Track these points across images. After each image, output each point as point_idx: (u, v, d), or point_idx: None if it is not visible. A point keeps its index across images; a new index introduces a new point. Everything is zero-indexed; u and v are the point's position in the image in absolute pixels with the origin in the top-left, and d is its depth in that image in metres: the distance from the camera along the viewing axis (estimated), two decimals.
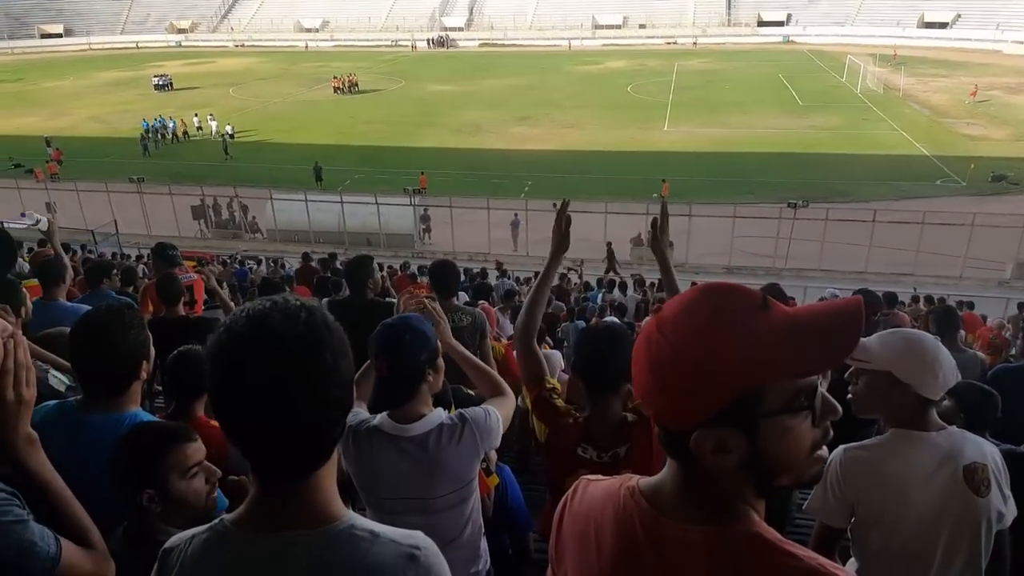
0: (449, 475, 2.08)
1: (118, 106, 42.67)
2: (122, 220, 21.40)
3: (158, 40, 74.56)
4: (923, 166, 27.82)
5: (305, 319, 1.02)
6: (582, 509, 1.17)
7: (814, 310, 1.00)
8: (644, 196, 23.32)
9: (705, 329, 0.95)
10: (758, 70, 49.89)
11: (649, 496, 1.05)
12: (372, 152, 31.85)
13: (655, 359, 0.99)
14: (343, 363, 1.04)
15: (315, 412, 1.01)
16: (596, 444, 2.09)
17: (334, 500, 1.10)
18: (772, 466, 0.96)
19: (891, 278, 17.56)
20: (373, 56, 63.93)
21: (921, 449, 1.92)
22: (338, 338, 1.04)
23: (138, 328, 2.05)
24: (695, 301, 0.99)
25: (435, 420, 2.08)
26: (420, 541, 1.10)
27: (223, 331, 1.02)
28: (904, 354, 1.94)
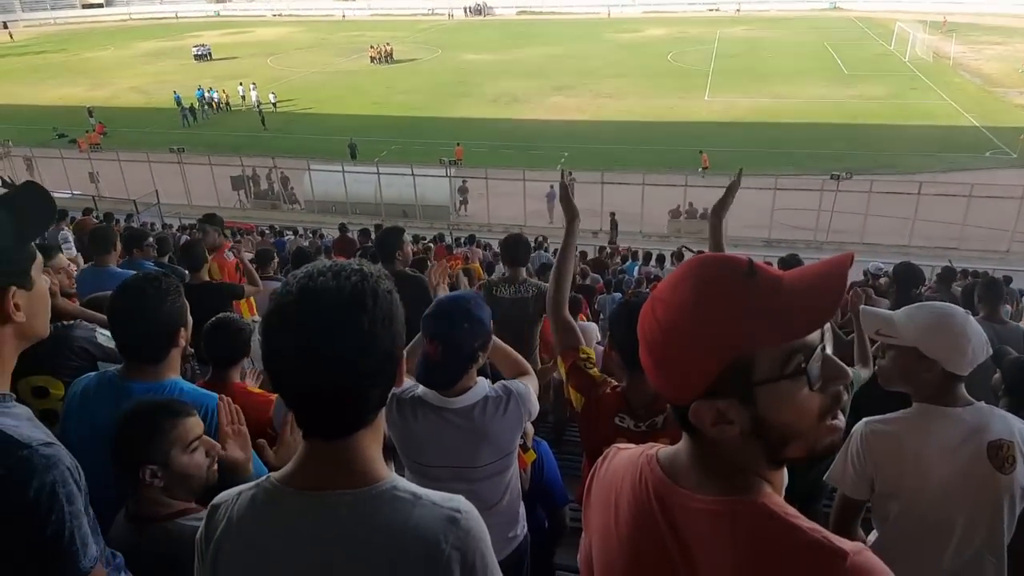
0: (493, 445, 2.11)
1: (158, 76, 43.24)
2: (163, 190, 21.84)
3: (197, 10, 75.16)
4: (972, 137, 26.81)
5: (354, 283, 1.02)
6: (607, 477, 1.19)
7: (802, 271, 0.97)
8: (683, 168, 22.94)
9: (689, 302, 0.95)
10: (803, 38, 48.33)
11: (665, 465, 1.06)
12: (408, 122, 31.82)
13: (649, 337, 1.00)
14: (383, 332, 1.03)
15: (344, 374, 1.01)
16: (633, 414, 2.10)
17: (377, 463, 1.11)
18: (778, 434, 0.94)
19: (936, 252, 17.08)
20: (409, 25, 63.54)
21: (945, 425, 1.89)
22: (384, 308, 1.04)
23: (175, 295, 2.05)
24: (680, 276, 0.99)
25: (480, 392, 2.10)
26: (461, 504, 1.12)
27: (282, 285, 1.06)
28: (931, 330, 1.90)
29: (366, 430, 1.09)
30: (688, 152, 24.95)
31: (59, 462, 1.21)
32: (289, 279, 1.05)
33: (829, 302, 0.92)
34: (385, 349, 1.04)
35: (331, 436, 1.07)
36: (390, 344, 1.05)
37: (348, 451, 1.08)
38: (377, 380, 1.05)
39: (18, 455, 1.17)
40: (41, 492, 1.17)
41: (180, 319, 2.07)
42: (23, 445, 1.18)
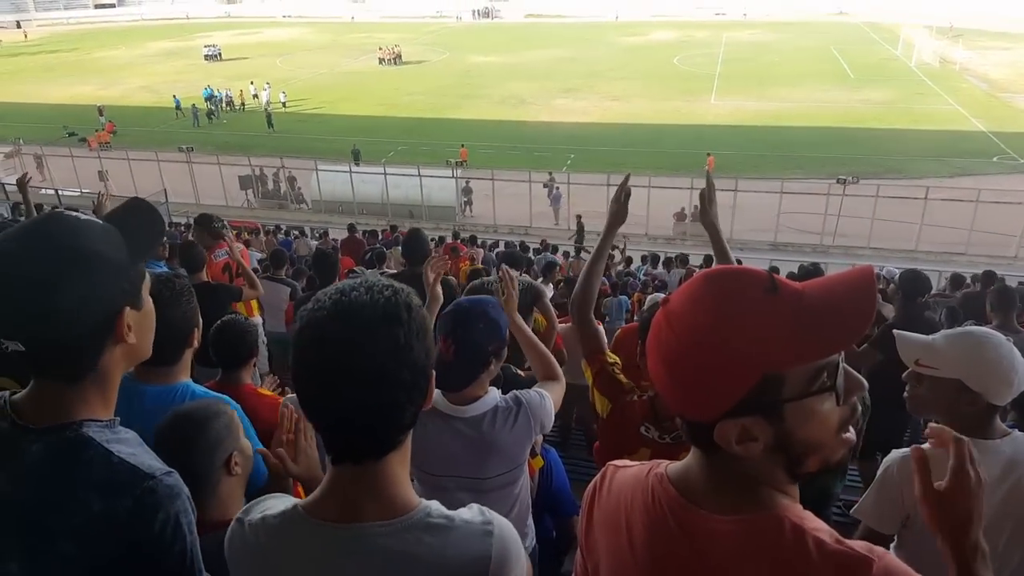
0: (502, 457, 2.06)
1: (168, 76, 43.45)
2: (171, 189, 21.93)
3: (208, 11, 75.49)
4: (979, 142, 26.73)
5: (388, 297, 1.02)
6: (611, 498, 1.15)
7: (824, 287, 0.96)
8: (689, 170, 22.93)
9: (713, 320, 0.92)
10: (809, 42, 48.22)
11: (678, 484, 1.03)
12: (416, 124, 31.89)
13: (666, 354, 0.97)
14: (418, 346, 1.02)
15: (381, 389, 0.99)
16: (660, 424, 2.05)
17: (406, 488, 1.09)
18: (801, 449, 0.94)
19: (943, 257, 17.02)
20: (418, 27, 63.63)
21: (983, 459, 1.76)
22: (418, 322, 1.03)
23: (188, 297, 2.06)
24: (699, 291, 0.96)
25: (490, 402, 2.06)
26: (488, 515, 1.11)
27: (311, 302, 1.05)
28: (976, 361, 1.79)
29: (396, 452, 1.07)
30: (694, 155, 24.92)
31: (181, 491, 1.21)
32: (320, 295, 1.04)
33: (862, 321, 0.92)
34: (420, 363, 1.03)
35: (361, 459, 1.04)
36: (424, 358, 1.04)
37: (378, 476, 1.05)
38: (413, 396, 1.04)
39: (144, 486, 1.15)
40: (167, 523, 1.17)
41: (194, 320, 2.09)
42: (148, 475, 1.17)
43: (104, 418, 1.23)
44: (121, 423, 1.87)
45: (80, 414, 1.18)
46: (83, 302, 1.13)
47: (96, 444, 1.16)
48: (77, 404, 1.19)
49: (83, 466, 1.15)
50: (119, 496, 1.14)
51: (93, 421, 1.19)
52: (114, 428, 1.24)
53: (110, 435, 1.21)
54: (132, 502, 1.14)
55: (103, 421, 1.22)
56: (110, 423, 1.23)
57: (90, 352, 1.18)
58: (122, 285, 1.20)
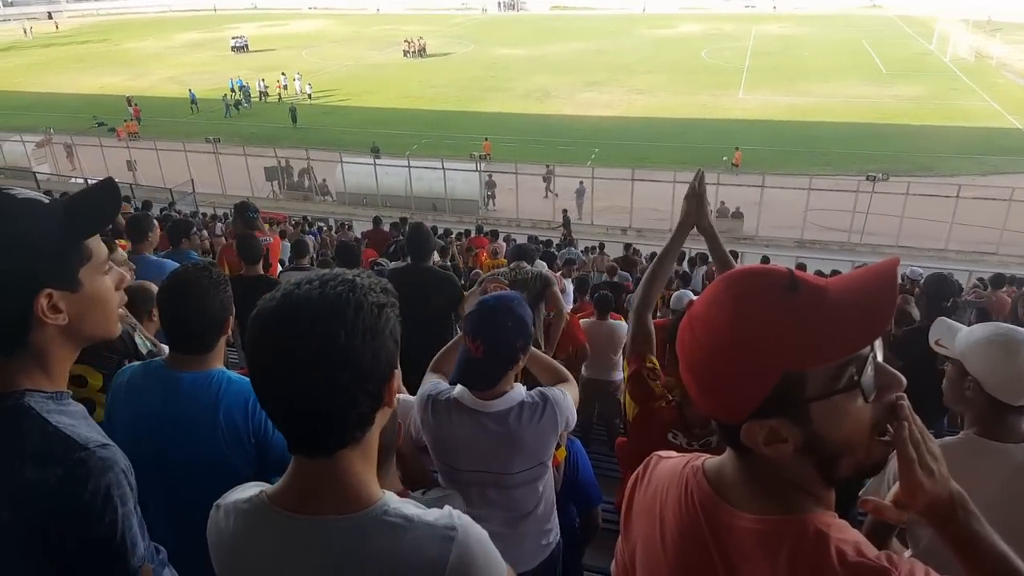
0: (527, 452, 2.07)
1: (196, 67, 44.03)
2: (198, 180, 22.24)
3: (235, 2, 76.24)
4: (1015, 140, 26.11)
5: (339, 293, 0.99)
6: (650, 487, 1.16)
7: (846, 280, 0.94)
8: (716, 166, 22.75)
9: (730, 321, 0.91)
10: (840, 35, 47.43)
11: (712, 479, 1.03)
12: (440, 116, 31.96)
13: (690, 359, 0.97)
14: (364, 348, 0.98)
15: (316, 389, 0.97)
16: (688, 431, 2.05)
17: (367, 485, 1.07)
18: (832, 451, 0.91)
19: (972, 257, 16.69)
20: (443, 19, 63.74)
21: (991, 460, 1.74)
22: (366, 322, 0.99)
23: (224, 285, 2.07)
24: (717, 293, 0.96)
25: (516, 397, 2.06)
26: (455, 520, 1.07)
27: (269, 294, 1.03)
28: (978, 345, 1.76)
29: (351, 450, 1.04)
30: (721, 150, 24.67)
31: (115, 464, 1.22)
32: (274, 292, 1.03)
33: (882, 316, 0.90)
34: (363, 365, 0.99)
35: (312, 454, 1.03)
36: (370, 360, 0.99)
37: (334, 471, 1.04)
38: (356, 398, 1.00)
39: (75, 456, 1.17)
40: (96, 494, 1.18)
41: (229, 308, 2.09)
42: (80, 446, 1.18)
43: (49, 390, 1.23)
44: (159, 409, 1.91)
45: (22, 384, 1.20)
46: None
47: (34, 414, 1.18)
48: (19, 375, 1.20)
49: (19, 435, 1.17)
50: (50, 465, 1.15)
51: (37, 392, 1.21)
52: (60, 400, 1.25)
53: (52, 406, 1.22)
54: (63, 471, 1.15)
55: (47, 392, 1.22)
56: (56, 395, 1.24)
57: (13, 329, 1.18)
58: (41, 266, 1.17)
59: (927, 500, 0.98)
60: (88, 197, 1.27)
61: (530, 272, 4.29)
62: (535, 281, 4.27)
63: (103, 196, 1.29)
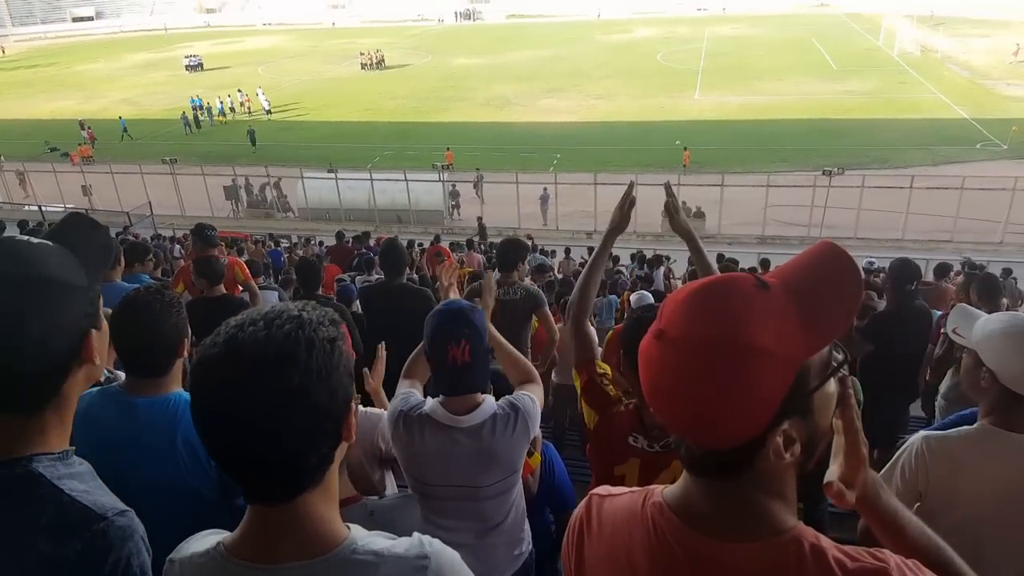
0: (500, 464, 2.05)
1: (149, 88, 43.25)
2: (156, 201, 21.78)
3: (187, 21, 75.15)
4: (962, 130, 26.95)
5: (287, 334, 0.92)
6: (604, 535, 1.06)
7: (801, 271, 0.93)
8: (675, 167, 23.03)
9: (729, 326, 0.85)
10: (790, 35, 48.54)
11: (680, 512, 0.95)
12: (400, 128, 31.85)
13: (678, 386, 0.87)
14: (319, 388, 0.93)
15: (272, 437, 0.91)
16: (648, 434, 2.02)
17: (331, 524, 1.02)
18: (818, 442, 0.91)
19: (929, 245, 17.13)
20: (399, 31, 63.62)
21: (1004, 451, 1.75)
22: (320, 360, 0.93)
23: (178, 307, 2.06)
24: (699, 304, 0.89)
25: (488, 410, 2.04)
26: (426, 548, 1.04)
27: (210, 337, 0.97)
28: (993, 336, 1.75)
29: (312, 492, 0.98)
30: (680, 151, 25.02)
31: (134, 532, 1.17)
32: (221, 328, 0.96)
33: (858, 287, 0.91)
34: (320, 405, 0.93)
35: (271, 501, 0.98)
36: (327, 399, 0.94)
37: (295, 517, 0.98)
38: (314, 440, 0.95)
39: (95, 528, 1.11)
40: (116, 567, 1.13)
41: (184, 330, 2.07)
42: (99, 516, 1.12)
43: (57, 449, 1.19)
44: (117, 434, 1.85)
45: (32, 447, 1.15)
46: (51, 330, 1.11)
47: (46, 482, 1.12)
48: (32, 436, 1.15)
49: (31, 506, 1.11)
50: (69, 539, 1.10)
51: (45, 455, 1.15)
52: (67, 460, 1.20)
53: (62, 470, 1.17)
54: (82, 545, 1.11)
55: (55, 454, 1.17)
56: (63, 455, 1.20)
57: (56, 379, 1.16)
58: (85, 308, 1.18)
59: (864, 475, 0.99)
60: (85, 235, 1.26)
61: (523, 290, 4.30)
62: (526, 300, 4.28)
63: (98, 234, 1.29)
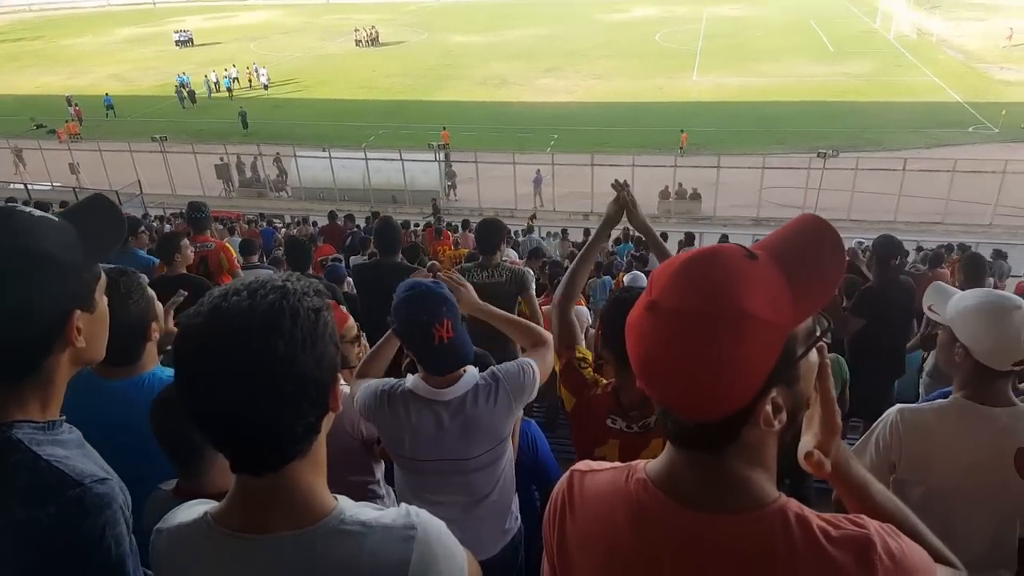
0: (485, 434, 2.06)
1: (139, 63, 42.66)
2: (146, 180, 21.57)
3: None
4: (956, 113, 26.99)
5: (270, 303, 0.93)
6: (587, 513, 1.05)
7: (784, 241, 0.93)
8: (672, 148, 22.96)
9: (724, 294, 0.84)
10: (789, 16, 48.20)
11: (665, 488, 0.94)
12: (396, 106, 31.60)
13: (672, 356, 0.86)
14: (304, 357, 0.93)
15: (259, 405, 0.91)
16: (625, 415, 2.04)
17: (319, 495, 1.02)
18: (801, 411, 0.92)
19: (920, 227, 17.22)
20: (395, 7, 62.84)
21: (976, 424, 1.80)
22: (305, 329, 0.93)
23: (138, 294, 2.02)
24: (691, 273, 0.88)
25: (470, 381, 2.05)
26: (413, 518, 1.04)
27: (195, 306, 0.97)
28: (966, 311, 1.80)
29: (300, 461, 0.98)
30: (677, 132, 24.94)
31: (112, 501, 1.15)
32: (204, 299, 0.96)
33: (841, 259, 0.93)
34: (306, 374, 0.93)
35: (258, 471, 0.97)
36: (313, 367, 0.94)
37: (282, 486, 0.98)
38: (301, 409, 0.95)
39: (70, 493, 1.10)
40: (90, 535, 1.12)
41: (148, 315, 2.03)
42: (75, 482, 1.11)
43: (40, 419, 1.17)
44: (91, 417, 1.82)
45: (12, 415, 1.14)
46: (31, 304, 1.10)
47: (23, 447, 1.11)
48: (10, 405, 1.15)
49: (6, 469, 1.10)
50: (42, 503, 1.09)
51: (27, 422, 1.14)
52: (53, 430, 1.19)
53: (43, 437, 1.15)
54: (56, 509, 1.10)
55: (38, 423, 1.16)
56: (48, 424, 1.18)
57: (34, 354, 1.15)
58: (73, 287, 1.16)
59: (836, 444, 0.99)
60: (98, 215, 1.26)
61: (504, 274, 4.22)
62: (511, 282, 4.21)
63: (113, 215, 1.29)
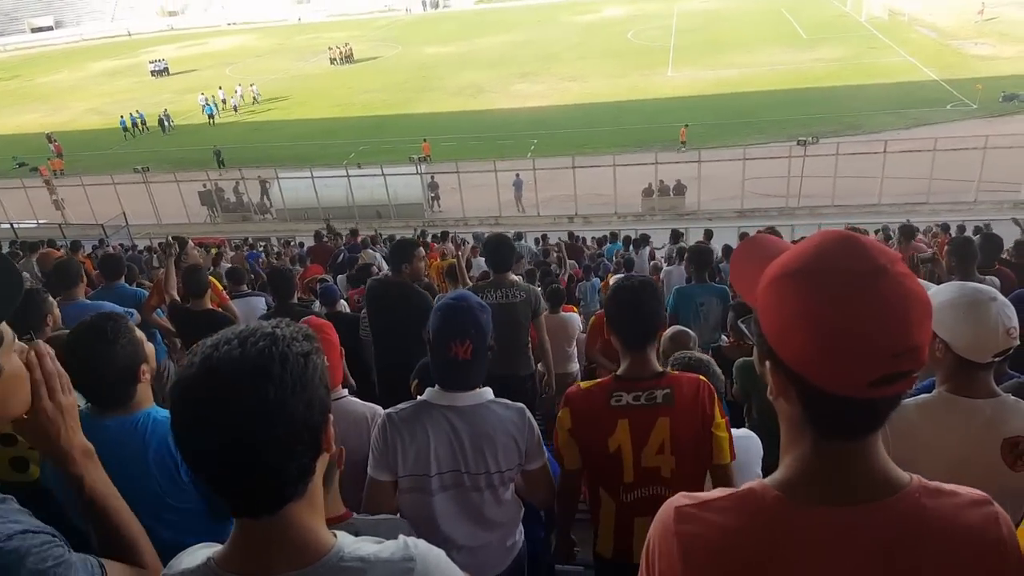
0: (499, 448, 2.06)
1: (116, 95, 42.45)
2: (131, 211, 21.47)
3: (149, 25, 73.76)
4: (933, 91, 27.16)
5: (260, 349, 0.96)
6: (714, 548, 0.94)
7: None
8: (651, 146, 23.03)
9: (882, 256, 0.92)
10: (759, 5, 48.49)
11: (831, 497, 0.94)
12: (374, 122, 31.60)
13: (918, 301, 0.92)
14: (295, 400, 0.96)
15: (252, 451, 0.94)
16: (629, 389, 2.07)
17: (318, 533, 1.04)
18: None
19: (905, 208, 17.29)
20: (367, 24, 62.86)
21: (963, 416, 1.79)
22: (295, 373, 0.96)
23: (126, 337, 1.99)
24: (862, 240, 0.94)
25: (487, 395, 2.08)
26: (411, 550, 1.06)
27: (188, 357, 1.00)
28: (944, 308, 1.80)
29: (296, 503, 1.01)
30: (656, 129, 25.03)
31: (23, 559, 1.11)
32: (195, 348, 0.99)
33: None
34: (298, 417, 0.96)
35: (256, 514, 1.00)
36: (303, 411, 0.97)
37: (281, 528, 1.01)
38: (294, 451, 0.97)
39: None
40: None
41: (137, 358, 2.01)
42: None
43: None
44: None
45: None
46: None
47: None
48: None
49: None
50: None
51: None
52: None
53: None
54: None
55: None
56: None
57: None
58: None
59: None
60: None
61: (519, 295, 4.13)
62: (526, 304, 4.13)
63: (6, 275, 1.24)
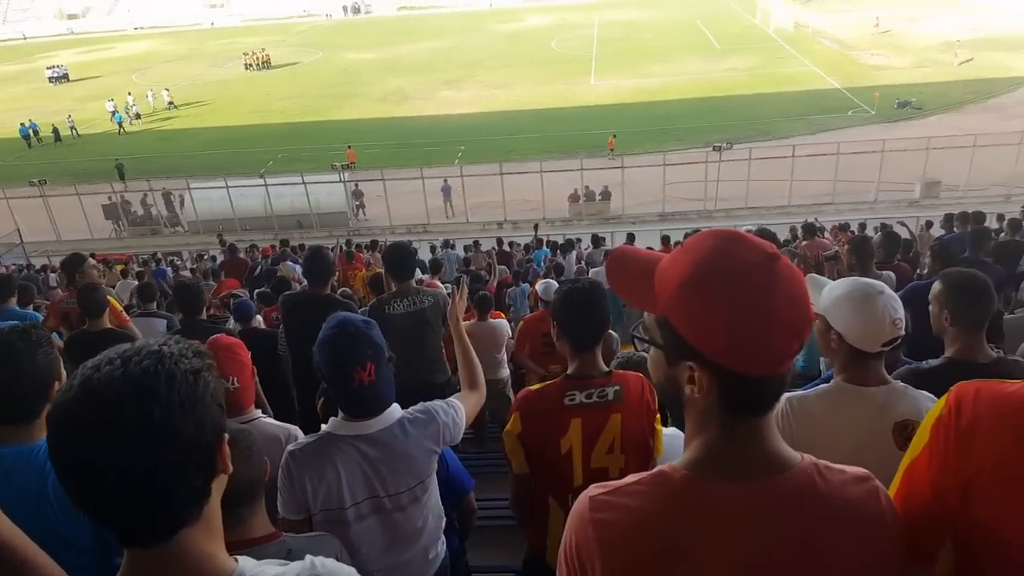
0: (413, 468, 2.01)
1: (10, 103, 39.69)
2: (27, 228, 20.11)
3: (47, 29, 69.57)
4: (835, 99, 28.88)
5: (145, 368, 0.90)
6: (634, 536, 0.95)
7: None
8: (577, 152, 23.36)
9: None
10: (676, 17, 50.23)
11: (734, 472, 0.97)
12: (293, 129, 30.80)
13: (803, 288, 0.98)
14: (184, 420, 0.90)
15: (137, 475, 0.88)
16: (582, 388, 2.10)
17: (215, 559, 0.99)
18: None
19: (813, 208, 18.25)
20: (285, 28, 61.41)
21: (856, 404, 1.89)
22: (183, 391, 0.91)
23: (47, 347, 1.91)
24: (745, 235, 1.01)
25: (396, 414, 2.02)
26: (318, 569, 1.05)
27: (67, 381, 0.94)
28: (838, 301, 1.90)
29: (190, 528, 0.95)
30: (580, 136, 25.42)
31: None
32: (77, 371, 0.92)
33: None
34: (187, 437, 0.91)
35: (146, 543, 0.93)
36: (194, 431, 0.91)
37: (175, 556, 0.94)
38: (185, 473, 0.92)
39: None
40: None
41: (53, 372, 1.91)
42: None
43: None
44: None
45: None
46: None
47: None
48: None
49: None
50: None
51: None
52: None
53: None
54: None
55: None
56: None
57: None
58: None
59: None
60: None
61: (426, 300, 4.01)
62: (432, 311, 4.01)
63: None
